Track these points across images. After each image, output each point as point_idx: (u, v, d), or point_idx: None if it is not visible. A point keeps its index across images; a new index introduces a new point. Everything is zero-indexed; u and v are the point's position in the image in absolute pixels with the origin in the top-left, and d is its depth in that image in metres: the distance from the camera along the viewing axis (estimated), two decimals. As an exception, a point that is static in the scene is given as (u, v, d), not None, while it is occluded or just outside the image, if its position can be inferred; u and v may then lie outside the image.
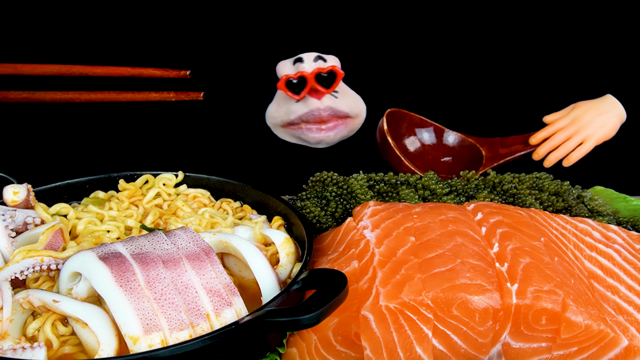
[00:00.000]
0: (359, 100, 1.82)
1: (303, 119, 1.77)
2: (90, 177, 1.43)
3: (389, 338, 1.02)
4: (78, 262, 0.99)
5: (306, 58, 1.73)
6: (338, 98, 1.76)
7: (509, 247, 1.13)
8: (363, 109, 1.83)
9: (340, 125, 1.80)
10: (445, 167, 1.84)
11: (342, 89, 1.78)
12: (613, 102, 1.70)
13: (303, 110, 1.76)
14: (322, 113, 1.75)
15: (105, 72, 1.08)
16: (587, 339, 1.03)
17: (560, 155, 1.70)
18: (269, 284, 1.09)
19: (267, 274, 1.10)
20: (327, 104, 1.74)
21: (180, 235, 1.06)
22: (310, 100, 1.74)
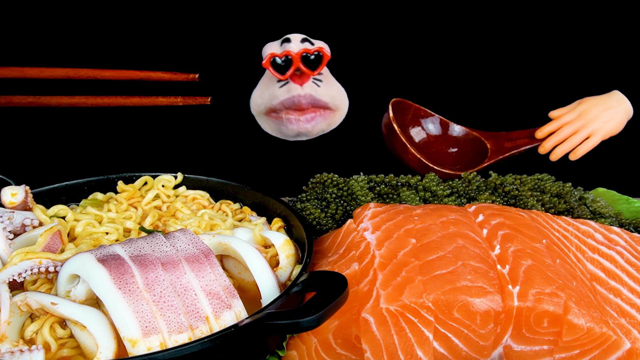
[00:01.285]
0: (342, 93, 1.81)
1: (285, 105, 1.76)
2: (89, 179, 1.42)
3: (389, 341, 1.01)
4: (76, 265, 0.99)
5: (293, 39, 1.71)
6: (320, 87, 1.75)
7: (510, 249, 1.12)
8: (344, 103, 1.82)
9: (318, 117, 1.79)
10: (450, 159, 1.83)
11: (326, 78, 1.77)
12: (620, 97, 1.69)
13: (285, 95, 1.75)
14: (301, 100, 1.74)
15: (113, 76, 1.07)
16: (589, 341, 1.02)
17: (567, 149, 1.69)
18: (268, 287, 1.08)
19: (266, 276, 1.09)
20: (308, 90, 1.74)
21: (179, 237, 1.06)
22: (293, 86, 1.73)
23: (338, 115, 1.83)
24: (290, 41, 1.71)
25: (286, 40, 1.71)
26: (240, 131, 1.92)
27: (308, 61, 1.70)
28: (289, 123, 1.79)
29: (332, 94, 1.78)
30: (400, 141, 1.70)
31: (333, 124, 1.84)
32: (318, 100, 1.76)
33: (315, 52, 1.69)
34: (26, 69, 1.07)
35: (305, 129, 1.79)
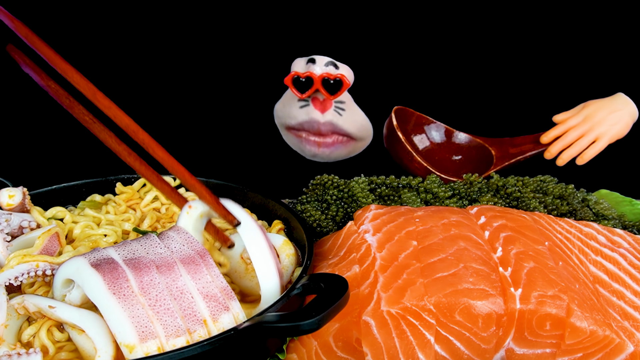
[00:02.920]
0: (367, 123, 1.81)
1: (304, 128, 1.77)
2: (87, 180, 1.42)
3: (390, 344, 1.00)
4: (70, 269, 0.97)
5: (318, 60, 1.73)
6: (342, 116, 1.76)
7: (512, 251, 1.12)
8: (369, 133, 1.83)
9: (339, 144, 1.80)
10: (454, 166, 1.82)
11: (349, 107, 1.77)
12: (625, 100, 1.69)
13: (303, 117, 1.76)
14: (321, 127, 1.75)
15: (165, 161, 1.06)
16: (592, 344, 1.01)
17: (574, 154, 1.68)
18: (271, 284, 1.07)
19: (270, 269, 1.08)
20: (329, 118, 1.75)
21: (173, 237, 1.04)
22: (312, 111, 1.74)
23: (360, 144, 1.85)
24: (314, 62, 1.73)
25: (311, 60, 1.72)
26: (240, 132, 1.92)
27: (328, 85, 1.70)
28: (307, 144, 1.80)
29: (356, 123, 1.79)
30: (405, 150, 1.69)
31: (353, 152, 1.85)
32: (339, 129, 1.78)
33: (336, 77, 1.70)
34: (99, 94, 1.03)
35: (323, 153, 1.81)
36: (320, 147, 1.79)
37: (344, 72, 1.74)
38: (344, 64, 1.75)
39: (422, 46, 1.90)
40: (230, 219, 1.09)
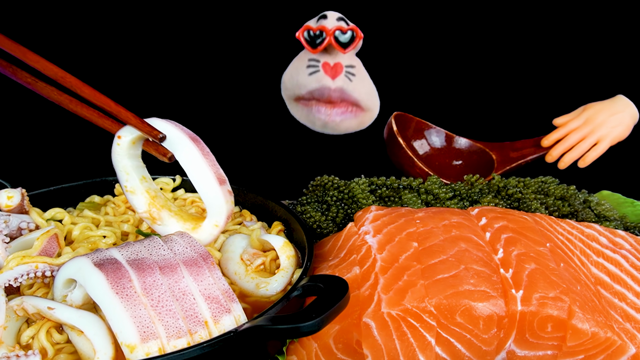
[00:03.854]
0: (374, 92, 1.80)
1: (314, 96, 1.76)
2: (86, 181, 1.41)
3: (391, 346, 1.00)
4: (73, 269, 0.98)
5: (330, 15, 1.73)
6: (352, 82, 1.75)
7: (513, 252, 1.11)
8: (376, 104, 1.82)
9: (349, 114, 1.79)
10: (455, 171, 1.82)
11: (359, 73, 1.76)
12: (625, 102, 1.68)
13: (314, 85, 1.75)
14: (332, 93, 1.74)
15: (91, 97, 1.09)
16: (593, 346, 1.01)
17: (576, 156, 1.67)
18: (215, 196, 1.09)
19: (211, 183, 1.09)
20: (339, 84, 1.74)
21: (177, 241, 1.05)
22: (323, 77, 1.73)
23: (369, 116, 1.83)
24: (326, 17, 1.72)
25: (323, 16, 1.72)
26: (239, 133, 1.92)
27: (340, 41, 1.69)
28: (318, 113, 1.79)
29: (365, 91, 1.78)
30: (406, 155, 1.69)
31: (363, 124, 1.84)
32: (349, 96, 1.76)
33: (349, 30, 1.69)
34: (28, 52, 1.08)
35: (333, 122, 1.79)
36: (330, 116, 1.78)
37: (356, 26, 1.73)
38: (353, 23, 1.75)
39: (422, 51, 1.90)
40: (155, 134, 1.09)
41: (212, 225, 1.15)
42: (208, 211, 1.14)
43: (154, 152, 1.13)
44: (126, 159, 1.12)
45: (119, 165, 1.15)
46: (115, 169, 1.15)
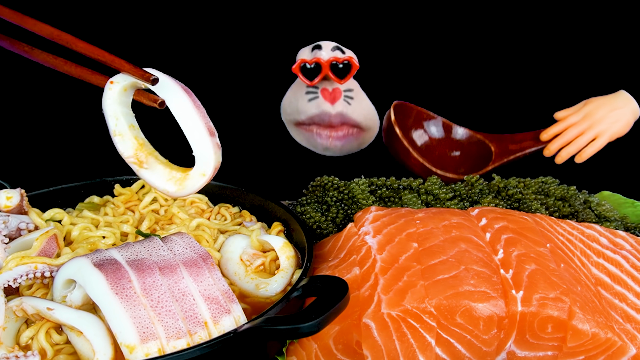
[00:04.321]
0: (373, 112, 1.81)
1: (314, 121, 1.76)
2: (85, 182, 1.41)
3: (391, 347, 1.00)
4: (72, 269, 0.98)
5: (324, 46, 1.73)
6: (351, 105, 1.76)
7: (514, 253, 1.11)
8: (376, 122, 1.83)
9: (351, 137, 1.80)
10: (453, 162, 1.81)
11: (357, 95, 1.77)
12: (627, 98, 1.68)
13: (313, 110, 1.76)
14: (332, 118, 1.75)
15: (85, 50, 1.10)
16: (594, 347, 1.01)
17: (573, 151, 1.67)
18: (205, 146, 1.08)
19: None
20: (339, 109, 1.75)
21: (177, 241, 1.05)
22: (322, 103, 1.73)
23: (369, 135, 1.84)
24: (321, 48, 1.73)
25: (317, 47, 1.72)
26: (239, 134, 1.92)
27: (337, 70, 1.70)
28: (319, 137, 1.80)
29: (364, 112, 1.79)
30: (402, 145, 1.68)
31: (363, 144, 1.85)
32: (349, 119, 1.77)
33: (344, 61, 1.69)
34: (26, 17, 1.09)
35: (335, 146, 1.81)
36: (332, 140, 1.79)
37: (351, 55, 1.73)
38: (349, 49, 1.74)
39: (424, 40, 1.89)
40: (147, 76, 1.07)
41: (199, 174, 1.11)
42: (197, 160, 1.11)
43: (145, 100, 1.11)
44: (117, 104, 1.10)
45: (109, 110, 1.12)
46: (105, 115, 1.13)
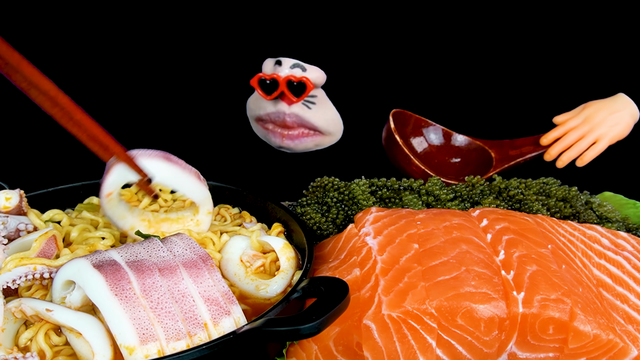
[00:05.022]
0: (337, 118, 1.82)
1: (271, 118, 1.78)
2: (84, 182, 1.40)
3: (391, 348, 1.00)
4: (71, 270, 0.97)
5: (285, 63, 1.75)
6: (311, 109, 1.76)
7: (515, 254, 1.11)
8: (339, 129, 1.83)
9: (305, 137, 1.81)
10: (453, 169, 1.81)
11: (320, 101, 1.78)
12: (626, 100, 1.67)
13: (271, 109, 1.78)
14: (286, 118, 1.76)
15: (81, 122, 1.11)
16: (595, 349, 1.00)
17: (574, 155, 1.66)
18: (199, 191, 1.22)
19: None
20: (294, 111, 1.76)
21: (177, 242, 1.05)
22: (280, 103, 1.76)
23: (328, 139, 1.85)
24: (281, 64, 1.74)
25: (278, 62, 1.74)
26: (239, 134, 1.92)
27: (293, 87, 1.71)
28: (273, 136, 1.82)
29: (326, 117, 1.80)
30: (403, 153, 1.68)
31: (321, 145, 1.86)
32: (306, 122, 1.78)
33: (299, 80, 1.70)
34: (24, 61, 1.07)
35: (287, 145, 1.82)
36: (284, 139, 1.80)
37: (309, 75, 1.74)
38: (313, 66, 1.75)
39: (420, 47, 1.89)
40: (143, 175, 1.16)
41: (206, 213, 1.25)
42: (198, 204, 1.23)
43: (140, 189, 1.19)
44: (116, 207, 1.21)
45: (113, 216, 1.21)
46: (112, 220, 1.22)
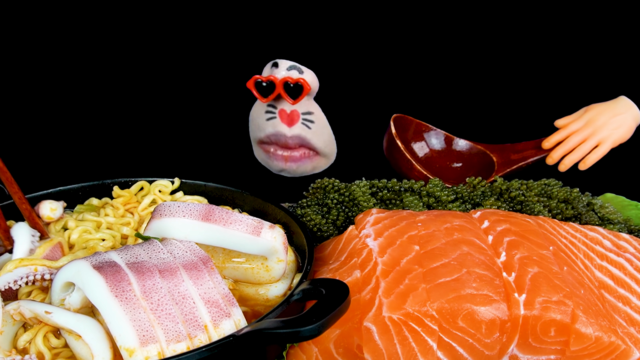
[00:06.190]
0: (332, 140, 1.82)
1: (272, 140, 1.77)
2: (84, 184, 1.40)
3: (392, 350, 0.99)
4: (71, 272, 0.97)
5: (281, 64, 1.73)
6: (311, 129, 1.76)
7: (516, 256, 1.10)
8: (333, 151, 1.84)
9: (306, 159, 1.81)
10: (455, 174, 1.81)
11: (318, 120, 1.77)
12: (628, 103, 1.67)
13: (270, 130, 1.77)
14: (288, 140, 1.76)
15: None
16: (597, 351, 1.00)
17: (576, 159, 1.66)
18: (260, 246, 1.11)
19: None
20: (297, 132, 1.76)
21: (177, 244, 1.04)
22: (279, 124, 1.75)
23: (324, 162, 1.85)
24: (277, 66, 1.73)
25: (275, 64, 1.73)
26: (239, 135, 1.91)
27: (290, 89, 1.70)
28: (275, 159, 1.81)
29: (324, 139, 1.80)
30: (404, 158, 1.68)
31: (318, 168, 1.85)
32: (307, 142, 1.77)
33: (296, 82, 1.69)
34: None
35: (290, 168, 1.82)
36: (287, 162, 1.80)
37: (306, 77, 1.73)
38: (309, 69, 1.74)
39: (421, 51, 1.89)
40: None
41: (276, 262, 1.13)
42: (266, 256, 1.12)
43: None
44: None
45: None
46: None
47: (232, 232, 1.10)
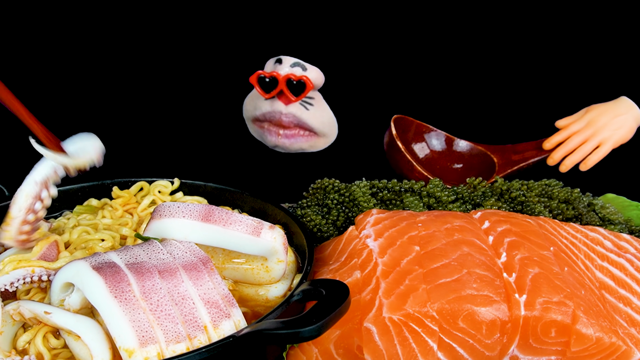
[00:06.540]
0: (333, 121, 1.81)
1: (267, 117, 1.78)
2: (83, 184, 1.40)
3: (392, 351, 0.99)
4: (70, 272, 0.97)
5: (285, 61, 1.74)
6: (309, 110, 1.76)
7: (517, 256, 1.10)
8: (333, 131, 1.83)
9: (300, 137, 1.80)
10: (456, 175, 1.81)
11: (317, 103, 1.77)
12: (629, 104, 1.67)
13: (267, 108, 1.77)
14: (282, 118, 1.75)
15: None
16: (598, 352, 1.00)
17: (577, 160, 1.66)
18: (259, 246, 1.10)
19: None
20: (291, 110, 1.75)
21: (177, 245, 1.04)
22: (277, 102, 1.75)
23: (323, 141, 1.84)
24: (281, 62, 1.74)
25: (278, 60, 1.73)
26: (239, 135, 1.91)
27: (292, 85, 1.70)
28: (269, 134, 1.81)
29: (323, 120, 1.79)
30: (405, 159, 1.68)
31: (315, 147, 1.85)
32: (303, 123, 1.77)
33: (298, 79, 1.69)
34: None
35: (282, 144, 1.81)
36: (280, 137, 1.80)
37: (309, 75, 1.73)
38: (313, 66, 1.75)
39: (422, 51, 1.89)
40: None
41: (276, 262, 1.13)
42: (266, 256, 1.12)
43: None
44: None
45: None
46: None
47: (232, 233, 1.10)
